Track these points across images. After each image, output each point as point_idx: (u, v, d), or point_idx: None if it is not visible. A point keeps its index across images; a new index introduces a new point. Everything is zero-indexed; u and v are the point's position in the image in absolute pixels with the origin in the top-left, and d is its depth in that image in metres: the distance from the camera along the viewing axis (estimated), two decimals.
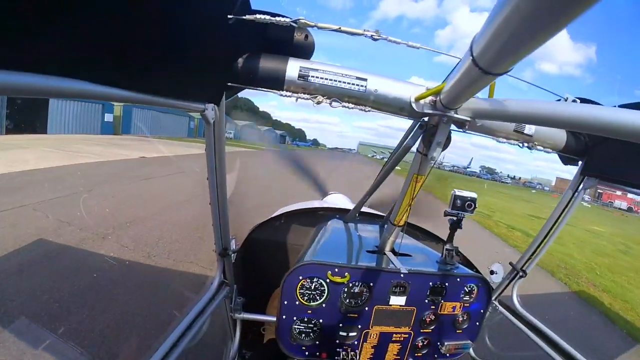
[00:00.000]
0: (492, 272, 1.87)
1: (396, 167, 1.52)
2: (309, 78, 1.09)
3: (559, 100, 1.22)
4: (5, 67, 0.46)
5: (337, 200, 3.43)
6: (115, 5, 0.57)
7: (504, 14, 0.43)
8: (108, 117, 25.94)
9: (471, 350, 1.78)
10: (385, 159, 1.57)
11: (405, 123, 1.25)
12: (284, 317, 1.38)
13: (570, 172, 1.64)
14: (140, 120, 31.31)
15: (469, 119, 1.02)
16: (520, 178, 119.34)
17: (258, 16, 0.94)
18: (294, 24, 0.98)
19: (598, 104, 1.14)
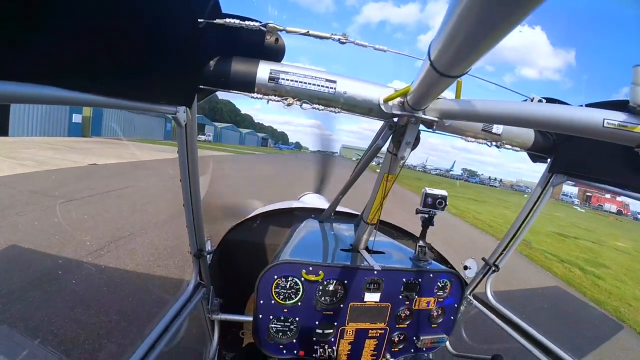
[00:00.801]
0: (465, 268, 1.98)
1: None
2: (279, 80, 1.17)
3: (525, 100, 1.31)
4: None
5: (313, 200, 3.56)
6: (84, 10, 0.61)
7: (455, 20, 0.49)
8: (76, 118, 25.07)
9: (447, 344, 1.88)
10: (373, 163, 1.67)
11: None
12: (260, 316, 1.45)
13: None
14: (112, 121, 30.49)
15: (436, 119, 1.10)
16: (501, 180, 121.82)
17: (228, 20, 1.01)
18: (263, 28, 1.05)
19: (565, 103, 1.23)
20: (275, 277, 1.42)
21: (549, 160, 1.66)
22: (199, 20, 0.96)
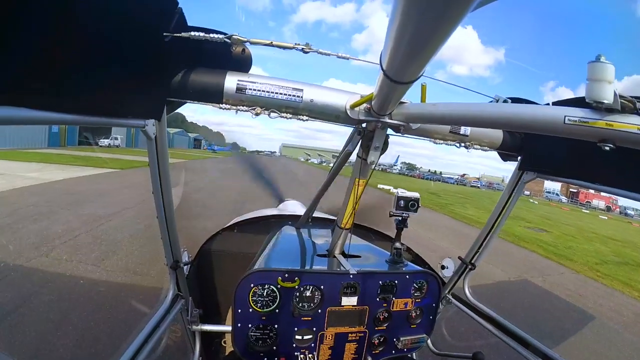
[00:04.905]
0: (443, 267, 2.43)
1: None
2: (246, 91, 1.45)
3: (491, 101, 1.53)
4: None
5: (292, 207, 4.02)
6: (49, 29, 0.72)
7: (396, 32, 0.60)
8: None
9: (429, 343, 2.29)
10: (324, 163, 1.99)
11: (327, 125, 1.64)
12: (239, 325, 1.72)
13: (496, 167, 2.05)
14: None
15: (402, 123, 1.39)
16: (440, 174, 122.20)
17: (193, 33, 1.26)
18: (227, 40, 1.30)
19: (531, 102, 1.50)
20: (252, 285, 1.70)
21: (519, 158, 2.03)
22: (165, 34, 1.19)
